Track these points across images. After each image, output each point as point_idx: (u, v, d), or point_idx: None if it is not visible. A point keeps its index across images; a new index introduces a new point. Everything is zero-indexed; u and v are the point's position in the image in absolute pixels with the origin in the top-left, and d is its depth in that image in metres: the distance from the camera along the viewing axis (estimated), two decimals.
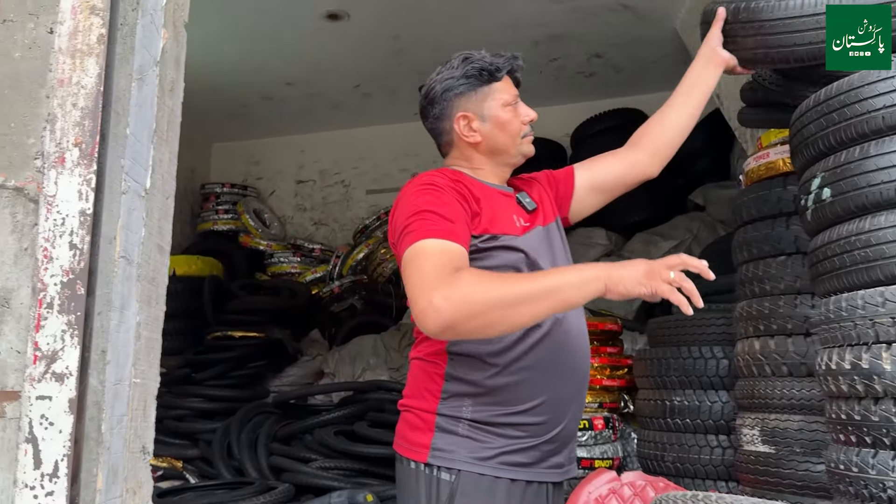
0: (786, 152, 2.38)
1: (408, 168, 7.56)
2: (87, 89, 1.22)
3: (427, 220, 1.51)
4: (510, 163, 1.78)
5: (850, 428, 1.73)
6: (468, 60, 1.71)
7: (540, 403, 1.60)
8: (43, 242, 1.16)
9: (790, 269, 2.32)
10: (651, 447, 2.97)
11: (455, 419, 1.60)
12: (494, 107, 1.70)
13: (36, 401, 1.12)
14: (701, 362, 2.83)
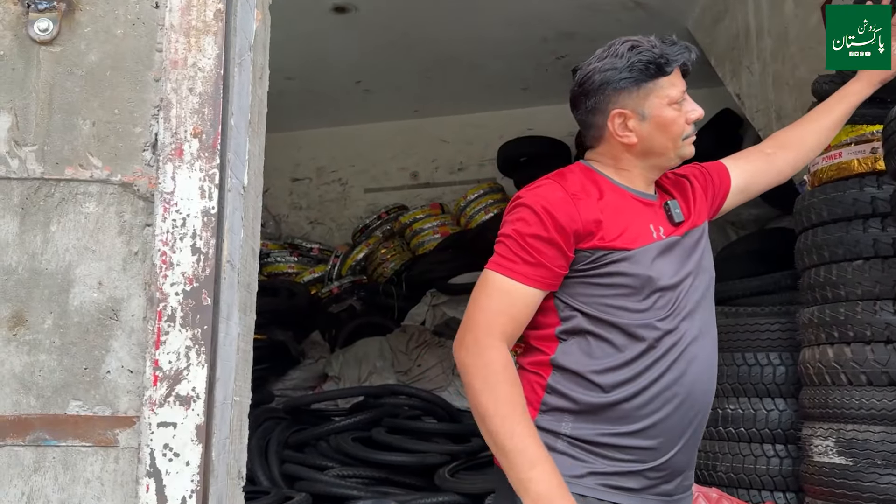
0: (860, 152, 2.31)
1: (407, 167, 7.43)
2: (206, 72, 1.08)
3: (511, 249, 1.48)
4: (665, 166, 1.62)
5: None
6: (635, 50, 1.53)
7: (647, 427, 1.50)
8: (161, 246, 1.02)
9: (868, 273, 2.23)
10: (701, 456, 2.87)
11: (554, 434, 1.52)
12: (658, 105, 1.53)
13: (158, 428, 0.98)
14: (756, 369, 2.74)
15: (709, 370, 1.60)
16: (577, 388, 1.51)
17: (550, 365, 1.54)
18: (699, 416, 1.60)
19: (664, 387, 1.51)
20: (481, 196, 6.73)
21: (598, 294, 1.51)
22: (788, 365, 2.71)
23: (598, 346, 1.51)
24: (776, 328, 2.80)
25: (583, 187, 1.53)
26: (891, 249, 2.21)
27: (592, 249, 1.49)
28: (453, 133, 7.34)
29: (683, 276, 1.55)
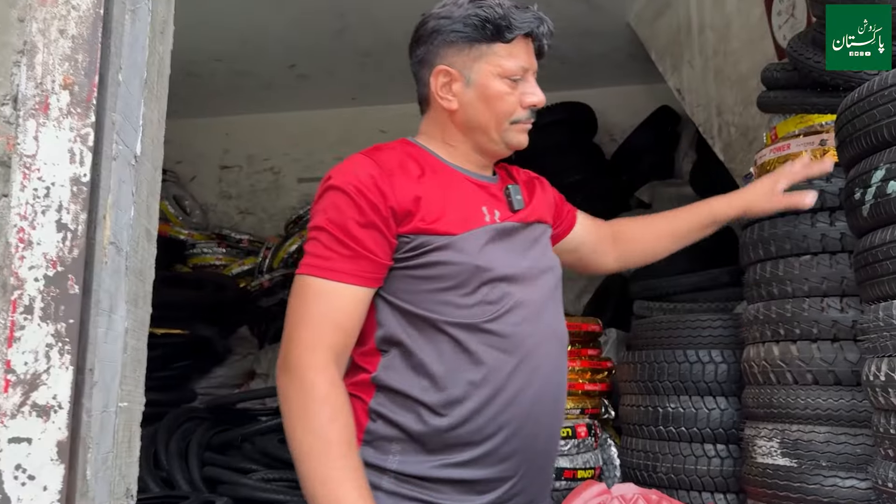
0: (809, 144, 2.24)
1: (343, 156, 7.10)
2: (81, 11, 0.88)
3: (325, 244, 1.29)
4: (491, 150, 1.43)
5: None
6: (476, 3, 1.36)
7: (486, 454, 1.31)
8: (18, 221, 0.82)
9: (816, 269, 2.17)
10: (640, 456, 2.79)
11: (380, 471, 1.30)
12: (487, 73, 1.36)
13: (8, 445, 0.79)
14: (698, 367, 2.67)
15: (556, 382, 1.41)
16: (403, 411, 1.30)
17: (372, 384, 1.32)
18: (547, 435, 1.40)
19: (504, 404, 1.31)
20: None
21: (420, 290, 1.31)
22: (731, 363, 2.65)
23: (423, 356, 1.30)
24: (718, 325, 2.73)
25: (401, 163, 1.35)
26: (839, 245, 2.15)
27: (412, 234, 1.31)
28: (393, 123, 7.12)
29: (524, 268, 1.37)
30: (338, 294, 1.26)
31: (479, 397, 1.31)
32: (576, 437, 2.92)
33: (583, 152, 6.27)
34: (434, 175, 1.37)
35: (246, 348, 5.79)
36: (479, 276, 1.31)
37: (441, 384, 1.30)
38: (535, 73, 1.41)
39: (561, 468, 2.88)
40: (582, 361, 3.09)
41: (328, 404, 1.22)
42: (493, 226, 1.36)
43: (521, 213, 1.43)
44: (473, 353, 1.30)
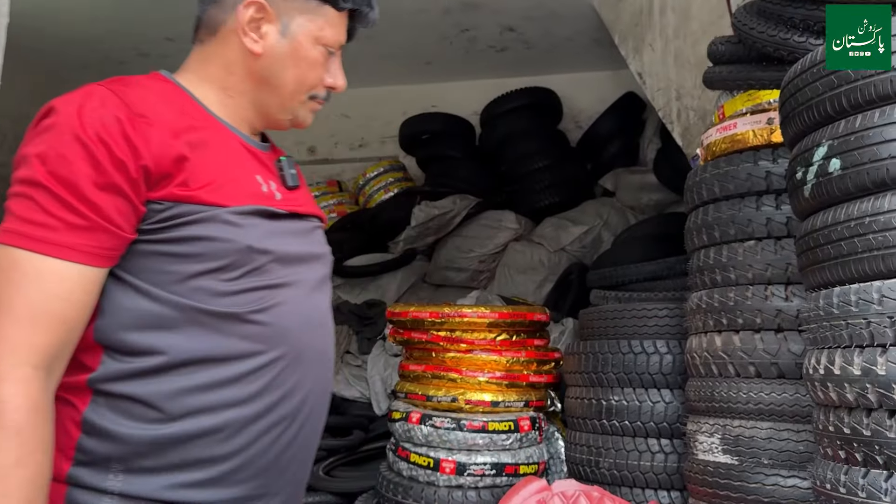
0: (756, 122, 2.11)
1: (304, 141, 7.01)
2: None
3: (44, 207, 0.97)
4: (272, 116, 1.27)
5: (856, 444, 1.46)
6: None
7: (236, 469, 1.11)
8: None
9: (760, 255, 2.04)
10: (583, 451, 2.67)
11: (98, 493, 1.06)
12: (307, 31, 1.21)
13: None
14: (643, 357, 2.54)
15: (324, 386, 1.24)
16: (127, 418, 1.06)
17: (89, 388, 1.07)
18: (308, 445, 1.22)
19: (262, 409, 1.12)
20: (381, 174, 6.40)
21: (168, 270, 1.07)
22: (676, 354, 2.53)
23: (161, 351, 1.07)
24: (664, 314, 2.61)
25: (158, 108, 1.09)
26: (784, 229, 2.03)
27: (167, 201, 1.06)
28: (354, 107, 6.96)
29: (300, 254, 1.20)
30: (61, 276, 0.97)
31: (228, 399, 1.10)
32: (518, 431, 2.79)
33: (547, 139, 6.14)
34: (201, 130, 1.15)
35: None
36: (249, 258, 1.11)
37: (179, 384, 1.09)
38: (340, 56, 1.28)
39: (502, 463, 2.75)
40: (527, 352, 2.95)
41: (19, 439, 0.93)
42: (269, 202, 1.18)
43: (297, 196, 1.27)
44: (226, 345, 1.09)
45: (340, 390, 5.00)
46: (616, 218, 5.67)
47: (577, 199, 5.93)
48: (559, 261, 5.57)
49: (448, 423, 2.73)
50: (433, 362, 2.96)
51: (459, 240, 5.88)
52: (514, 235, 5.78)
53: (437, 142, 6.36)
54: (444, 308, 2.88)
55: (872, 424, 1.40)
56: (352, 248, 5.99)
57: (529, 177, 5.97)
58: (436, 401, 2.87)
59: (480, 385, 2.86)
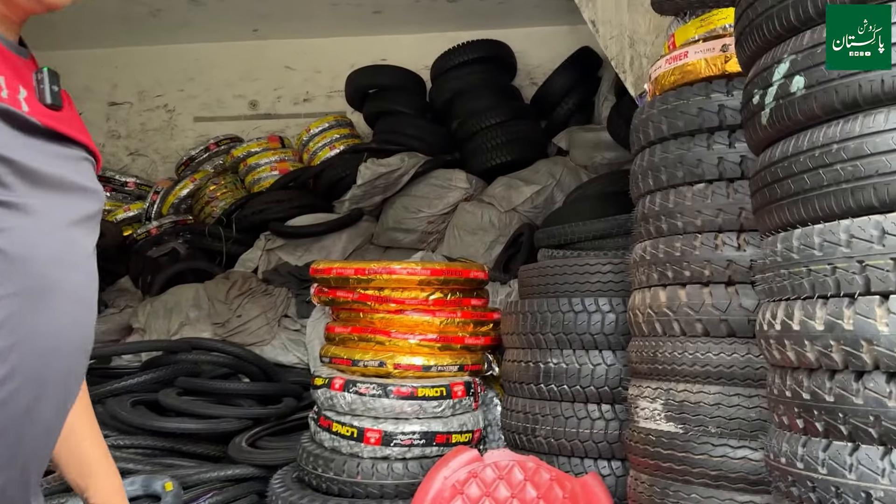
0: (709, 50, 1.87)
1: (245, 94, 6.62)
2: None
3: None
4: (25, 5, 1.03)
5: (817, 412, 1.24)
6: None
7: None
8: None
9: (710, 199, 1.82)
10: (519, 418, 2.45)
11: None
12: None
13: None
14: (583, 316, 2.32)
15: (81, 337, 1.01)
16: None
17: None
18: (54, 405, 0.98)
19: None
20: (326, 130, 6.07)
21: None
22: (620, 312, 2.31)
23: None
24: (608, 269, 2.39)
25: None
26: (738, 170, 1.80)
27: None
28: (299, 59, 6.59)
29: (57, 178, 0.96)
30: None
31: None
32: (451, 397, 2.56)
33: (500, 95, 5.86)
34: None
35: (126, 301, 5.25)
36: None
37: None
38: None
39: (432, 432, 2.52)
40: (463, 312, 2.72)
41: None
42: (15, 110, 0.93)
43: (61, 117, 1.01)
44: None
45: (277, 356, 4.74)
46: (569, 177, 5.44)
47: (531, 158, 5.67)
48: (510, 221, 5.34)
49: (373, 390, 2.49)
50: (360, 324, 2.70)
51: (408, 199, 5.61)
52: (464, 195, 5.52)
53: (385, 96, 6.03)
54: (372, 264, 2.61)
55: (836, 388, 1.18)
56: (294, 208, 5.68)
57: (481, 134, 5.69)
58: (362, 365, 2.62)
59: (411, 348, 2.61)
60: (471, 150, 5.74)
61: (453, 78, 5.90)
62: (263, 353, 4.66)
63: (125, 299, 5.27)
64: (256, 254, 5.66)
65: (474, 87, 5.83)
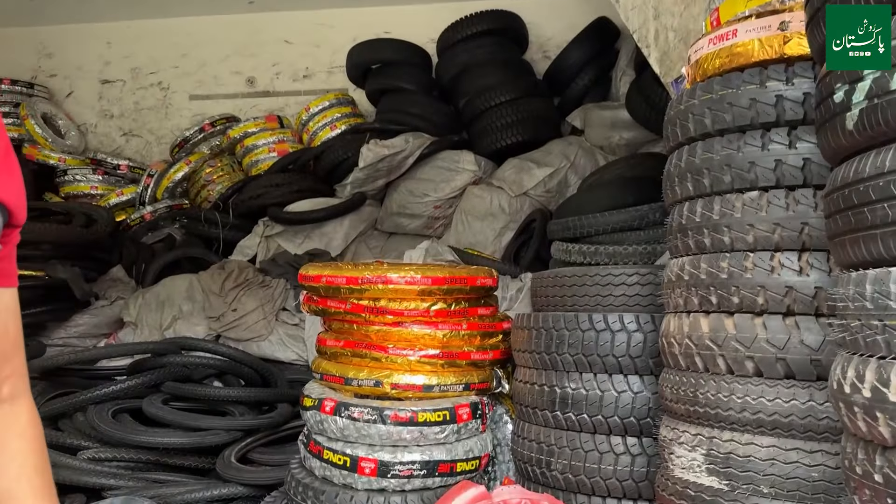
0: (764, 28, 1.54)
1: (242, 71, 6.29)
2: None
3: None
4: None
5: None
6: None
7: None
8: None
9: (766, 211, 1.50)
10: (532, 448, 2.17)
11: None
12: None
13: None
14: (606, 335, 2.02)
15: None
16: None
17: None
18: None
19: None
20: (326, 109, 5.74)
21: None
22: (649, 332, 2.00)
23: None
24: (634, 280, 2.08)
25: None
26: (800, 176, 1.49)
27: None
28: (298, 33, 6.24)
29: None
30: None
31: None
32: (455, 422, 2.27)
33: (511, 70, 5.49)
34: None
35: (118, 292, 4.99)
36: None
37: None
38: None
39: (434, 461, 2.24)
40: (469, 324, 2.42)
41: None
42: None
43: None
44: None
45: (275, 352, 4.48)
46: (584, 159, 5.10)
47: (544, 138, 5.33)
48: (521, 206, 5.02)
49: (368, 415, 2.21)
50: (354, 337, 2.41)
51: (413, 183, 5.29)
52: (472, 178, 5.20)
53: (387, 73, 5.69)
54: (365, 272, 2.32)
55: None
56: (293, 192, 5.38)
57: (490, 113, 5.35)
58: (356, 384, 2.33)
59: (410, 365, 2.33)
60: (479, 130, 5.41)
61: (461, 52, 5.55)
62: (261, 348, 4.41)
63: (117, 290, 5.00)
64: (255, 241, 5.39)
65: (483, 61, 5.48)
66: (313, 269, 2.46)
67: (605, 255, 3.22)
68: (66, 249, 4.84)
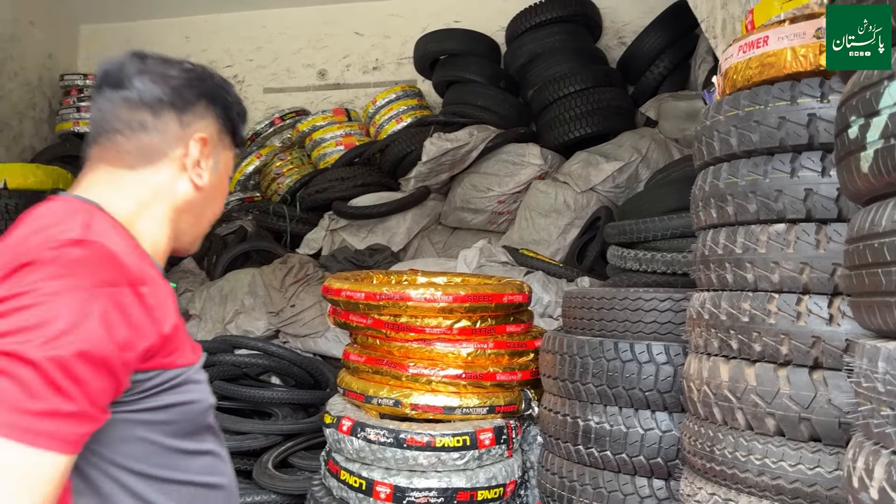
0: (798, 36, 1.33)
1: (314, 63, 6.31)
2: None
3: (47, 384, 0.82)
4: (182, 246, 1.16)
5: None
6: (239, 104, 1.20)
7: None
8: None
9: (794, 248, 1.30)
10: (555, 482, 2.02)
11: None
12: (225, 166, 1.19)
13: None
14: (633, 366, 1.84)
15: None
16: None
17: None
18: None
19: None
20: (392, 102, 5.67)
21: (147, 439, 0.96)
22: (679, 364, 1.82)
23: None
24: (666, 307, 1.89)
25: (141, 265, 0.98)
26: (833, 209, 1.28)
27: (153, 370, 0.95)
28: (369, 24, 6.20)
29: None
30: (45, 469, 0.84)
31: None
32: (476, 447, 2.15)
33: (582, 58, 5.24)
34: (158, 278, 1.04)
35: (188, 283, 5.12)
36: (205, 417, 1.06)
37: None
38: None
39: (453, 489, 2.13)
40: (496, 342, 2.28)
41: None
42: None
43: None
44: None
45: (330, 349, 4.47)
46: (657, 153, 4.81)
47: (616, 129, 5.08)
48: (587, 203, 4.79)
49: (384, 437, 2.12)
50: (376, 353, 2.33)
51: (477, 177, 5.15)
52: (537, 173, 5.00)
53: (454, 63, 5.55)
54: (383, 288, 2.22)
55: None
56: (357, 186, 5.36)
57: (559, 104, 5.12)
58: (376, 402, 2.25)
59: (431, 385, 2.22)
60: (548, 122, 5.20)
61: (530, 40, 5.34)
62: (317, 345, 4.41)
63: (186, 282, 5.14)
64: (320, 234, 5.41)
65: (553, 50, 5.26)
66: (336, 281, 2.39)
67: (661, 263, 3.00)
68: None
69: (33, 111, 6.04)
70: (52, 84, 6.26)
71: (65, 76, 6.26)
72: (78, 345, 0.84)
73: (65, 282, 0.86)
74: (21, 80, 5.90)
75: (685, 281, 2.96)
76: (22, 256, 0.88)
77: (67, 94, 6.19)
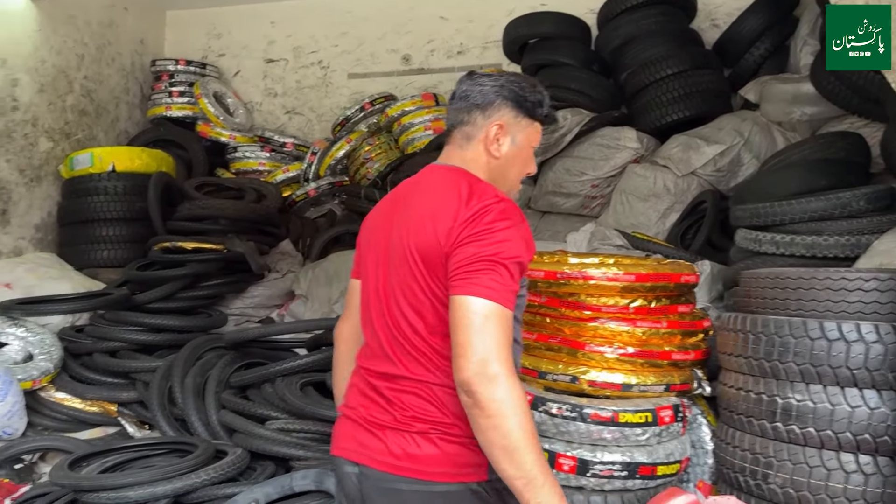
0: None
1: (398, 49, 6.36)
2: None
3: (511, 279, 1.46)
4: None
5: None
6: (539, 89, 1.68)
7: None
8: None
9: None
10: (745, 458, 2.06)
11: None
12: (526, 140, 1.68)
13: None
14: (840, 345, 1.87)
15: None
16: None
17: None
18: None
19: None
20: None
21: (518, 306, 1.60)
22: (889, 343, 1.84)
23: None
24: (872, 287, 1.90)
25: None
26: None
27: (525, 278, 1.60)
28: (453, 8, 6.22)
29: None
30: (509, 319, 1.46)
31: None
32: (657, 424, 2.20)
33: (677, 40, 5.22)
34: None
35: (288, 265, 5.23)
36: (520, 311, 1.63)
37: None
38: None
39: (636, 463, 2.18)
40: (670, 322, 2.32)
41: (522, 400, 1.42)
42: None
43: None
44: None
45: None
46: (760, 136, 4.77)
47: (713, 113, 5.05)
48: (688, 187, 4.78)
49: (567, 411, 2.17)
50: (547, 330, 2.38)
51: (570, 161, 5.16)
52: (634, 156, 5.00)
53: (545, 47, 5.56)
54: (564, 267, 2.26)
55: None
56: None
57: (655, 87, 5.10)
58: (550, 379, 2.30)
59: (608, 363, 2.26)
60: (642, 105, 5.18)
61: (623, 23, 5.33)
62: None
63: (287, 263, 5.25)
64: None
65: (647, 32, 5.24)
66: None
67: (802, 246, 3.00)
68: (241, 224, 5.11)
69: (127, 96, 6.18)
70: (144, 69, 6.40)
71: (156, 61, 6.39)
72: (516, 256, 1.45)
73: (506, 222, 1.47)
74: (118, 65, 6.04)
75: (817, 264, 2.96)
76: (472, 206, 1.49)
77: (159, 78, 6.33)
